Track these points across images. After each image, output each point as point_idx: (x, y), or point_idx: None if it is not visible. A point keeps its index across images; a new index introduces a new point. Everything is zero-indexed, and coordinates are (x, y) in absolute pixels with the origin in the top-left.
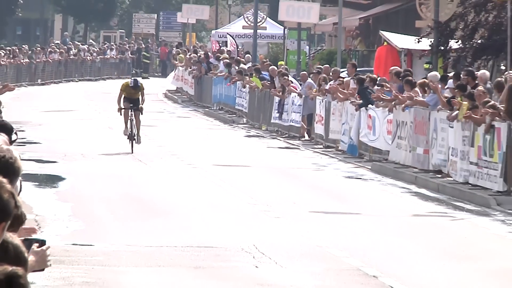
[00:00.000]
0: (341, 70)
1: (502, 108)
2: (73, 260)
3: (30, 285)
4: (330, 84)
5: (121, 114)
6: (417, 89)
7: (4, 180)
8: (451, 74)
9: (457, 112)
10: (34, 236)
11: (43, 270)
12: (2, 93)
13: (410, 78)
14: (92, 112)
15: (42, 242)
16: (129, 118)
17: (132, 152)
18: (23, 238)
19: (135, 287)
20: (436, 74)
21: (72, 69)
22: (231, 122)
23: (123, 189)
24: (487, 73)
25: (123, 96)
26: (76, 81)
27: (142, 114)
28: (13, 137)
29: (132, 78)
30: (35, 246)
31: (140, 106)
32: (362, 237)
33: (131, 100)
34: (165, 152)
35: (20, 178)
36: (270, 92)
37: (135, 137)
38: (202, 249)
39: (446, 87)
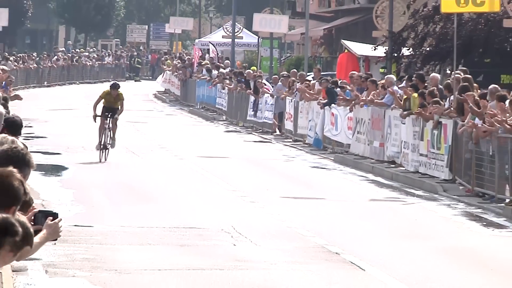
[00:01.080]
0: (308, 74)
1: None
2: (75, 239)
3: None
4: (298, 86)
5: (95, 121)
6: (378, 90)
7: (15, 170)
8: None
9: (409, 111)
10: (46, 209)
11: (56, 240)
12: (12, 100)
13: (374, 79)
14: (91, 111)
15: (55, 215)
16: (105, 125)
17: (106, 160)
18: (38, 210)
19: (129, 262)
20: (392, 76)
21: (74, 73)
22: (212, 119)
23: (118, 177)
24: (438, 76)
25: (102, 103)
26: (77, 84)
27: (116, 124)
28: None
29: (112, 82)
30: (49, 220)
31: (116, 116)
32: (327, 219)
33: (109, 109)
34: (155, 145)
35: (32, 169)
36: (247, 93)
37: (108, 145)
38: (187, 229)
39: (400, 85)
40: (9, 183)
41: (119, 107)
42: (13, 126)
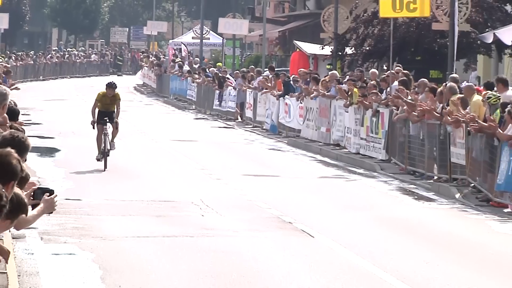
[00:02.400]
0: (264, 70)
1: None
2: (66, 211)
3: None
4: (259, 80)
5: (94, 128)
6: (320, 85)
7: (12, 150)
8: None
9: (351, 103)
10: (44, 186)
11: (51, 212)
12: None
13: (316, 76)
14: (80, 101)
15: (51, 192)
16: (104, 132)
17: (106, 169)
18: (36, 187)
19: (112, 230)
20: (335, 72)
21: (65, 69)
22: (184, 108)
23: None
24: (376, 72)
25: (97, 109)
26: (68, 78)
27: (117, 128)
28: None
29: (108, 81)
30: (46, 196)
31: (115, 120)
32: (281, 193)
33: (106, 114)
34: (135, 130)
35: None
36: (212, 87)
37: (109, 151)
38: (162, 202)
39: (345, 80)
40: (8, 161)
41: (115, 109)
42: (12, 113)
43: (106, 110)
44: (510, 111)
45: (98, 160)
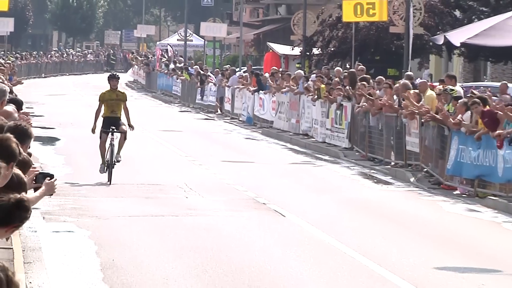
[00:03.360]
0: (241, 68)
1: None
2: (65, 193)
3: (31, 208)
4: (239, 77)
5: (93, 133)
6: (291, 81)
7: (11, 135)
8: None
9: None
10: (45, 171)
11: (52, 195)
12: (15, 85)
13: (289, 73)
14: (77, 95)
15: (51, 176)
16: (110, 142)
17: (110, 183)
18: (38, 172)
19: (106, 210)
20: (301, 71)
21: (64, 67)
22: (170, 102)
23: (98, 146)
24: (341, 69)
25: (103, 108)
26: (67, 75)
27: (126, 138)
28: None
29: (110, 74)
30: (47, 180)
31: (123, 128)
32: (256, 177)
33: (112, 121)
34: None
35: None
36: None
37: (114, 164)
38: (150, 185)
39: (310, 79)
40: (8, 144)
41: (122, 110)
42: (16, 103)
43: (112, 114)
44: (465, 101)
45: (101, 172)
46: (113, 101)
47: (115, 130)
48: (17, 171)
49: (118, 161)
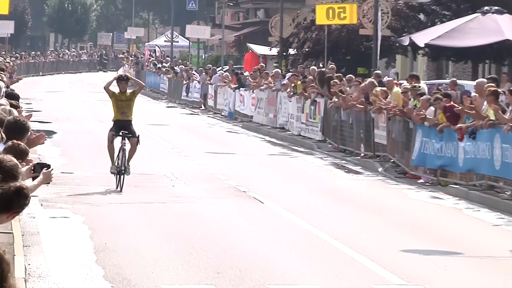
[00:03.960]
0: (224, 67)
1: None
2: (62, 182)
3: (30, 195)
4: (218, 75)
5: (108, 136)
6: (271, 79)
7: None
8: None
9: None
10: (43, 161)
11: (49, 183)
12: (14, 83)
13: (267, 72)
14: (72, 92)
15: (48, 166)
16: (122, 147)
17: (121, 190)
18: (36, 163)
19: (99, 198)
20: (278, 70)
21: (60, 66)
22: (158, 99)
23: (91, 139)
24: (315, 68)
25: (113, 110)
26: (63, 74)
27: (139, 143)
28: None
29: (119, 75)
30: (44, 169)
31: (136, 135)
32: (237, 167)
33: (123, 124)
34: None
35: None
36: (181, 80)
37: (124, 170)
38: (140, 175)
39: (286, 77)
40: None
41: (133, 113)
42: (12, 97)
43: (122, 116)
44: (429, 98)
45: (111, 172)
46: (123, 101)
47: (126, 134)
48: (14, 161)
49: (127, 173)
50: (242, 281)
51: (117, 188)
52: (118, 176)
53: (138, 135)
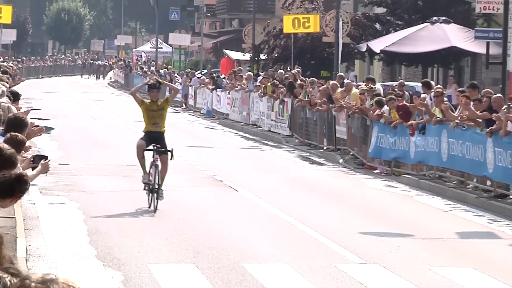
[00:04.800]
0: (202, 70)
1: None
2: (59, 172)
3: (30, 182)
4: (197, 78)
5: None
6: (244, 81)
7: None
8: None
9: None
10: (41, 153)
11: (46, 173)
12: (17, 84)
13: (241, 75)
14: (68, 93)
15: (46, 157)
16: (154, 163)
17: (155, 212)
18: (35, 154)
19: (92, 186)
20: (250, 73)
21: (57, 70)
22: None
23: (86, 134)
24: (283, 72)
25: (143, 121)
26: (60, 76)
27: (172, 157)
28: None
29: (151, 82)
30: (42, 160)
31: (167, 150)
32: (214, 159)
33: (154, 136)
34: (109, 114)
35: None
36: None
37: (157, 190)
38: (128, 166)
39: (258, 80)
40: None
41: (166, 124)
42: (15, 96)
43: (154, 127)
44: (381, 100)
45: (143, 183)
46: (154, 111)
47: (159, 148)
48: (12, 150)
49: (160, 198)
50: (219, 260)
51: (149, 207)
52: (150, 193)
53: (172, 149)
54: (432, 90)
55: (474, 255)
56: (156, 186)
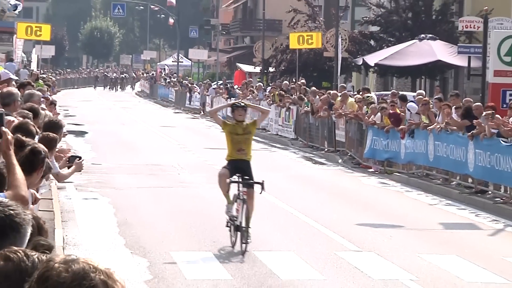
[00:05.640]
0: (218, 81)
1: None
2: (92, 171)
3: (66, 179)
4: (213, 88)
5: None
6: (255, 91)
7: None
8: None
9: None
10: (76, 155)
11: (80, 171)
12: (55, 94)
13: (252, 86)
14: (101, 102)
15: (80, 158)
16: (240, 197)
17: (243, 254)
18: (70, 155)
19: (122, 183)
20: (260, 84)
21: (91, 81)
22: (167, 106)
23: (116, 137)
24: (288, 83)
25: (227, 147)
26: (93, 88)
27: (263, 190)
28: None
29: (238, 102)
30: (77, 160)
31: (260, 181)
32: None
33: (239, 166)
34: (137, 119)
35: (64, 131)
36: (186, 92)
37: (244, 232)
38: (153, 165)
39: (267, 89)
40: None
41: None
42: (53, 103)
43: (240, 155)
44: (374, 107)
45: (227, 224)
46: (239, 135)
47: (246, 180)
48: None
49: (248, 241)
50: (233, 248)
51: (233, 247)
52: (236, 232)
53: (263, 181)
54: (408, 101)
55: (458, 243)
56: (243, 226)
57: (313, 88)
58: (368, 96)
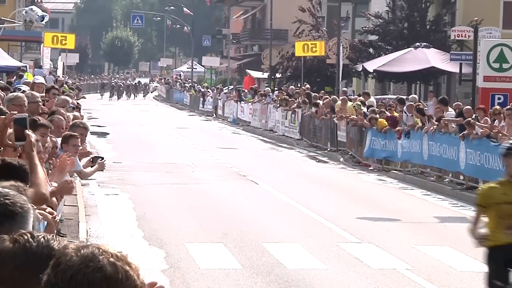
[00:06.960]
0: (229, 86)
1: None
2: (113, 169)
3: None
4: (224, 93)
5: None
6: (262, 97)
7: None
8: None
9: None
10: (99, 155)
11: (103, 170)
12: (80, 99)
13: (260, 91)
14: (120, 105)
15: (102, 158)
16: None
17: None
18: (93, 156)
19: (141, 180)
20: (269, 88)
21: (111, 87)
22: (182, 109)
23: (136, 138)
24: (293, 87)
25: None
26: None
27: None
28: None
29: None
30: (99, 160)
31: None
32: (239, 158)
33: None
34: (154, 121)
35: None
36: (199, 96)
37: None
38: (169, 164)
39: (274, 94)
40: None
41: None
42: (78, 107)
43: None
44: (375, 110)
45: None
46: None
47: None
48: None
49: None
50: (243, 240)
51: None
52: None
53: None
54: (405, 104)
55: (450, 236)
56: None
57: (315, 94)
58: (359, 105)
